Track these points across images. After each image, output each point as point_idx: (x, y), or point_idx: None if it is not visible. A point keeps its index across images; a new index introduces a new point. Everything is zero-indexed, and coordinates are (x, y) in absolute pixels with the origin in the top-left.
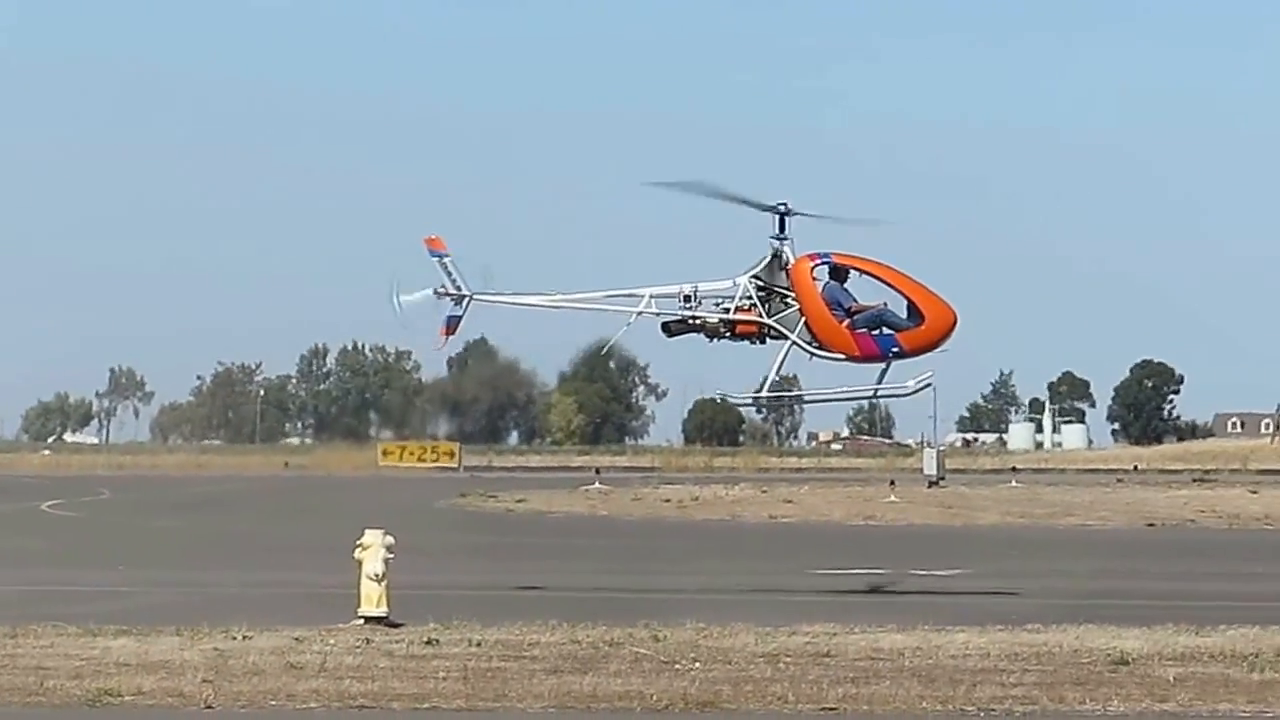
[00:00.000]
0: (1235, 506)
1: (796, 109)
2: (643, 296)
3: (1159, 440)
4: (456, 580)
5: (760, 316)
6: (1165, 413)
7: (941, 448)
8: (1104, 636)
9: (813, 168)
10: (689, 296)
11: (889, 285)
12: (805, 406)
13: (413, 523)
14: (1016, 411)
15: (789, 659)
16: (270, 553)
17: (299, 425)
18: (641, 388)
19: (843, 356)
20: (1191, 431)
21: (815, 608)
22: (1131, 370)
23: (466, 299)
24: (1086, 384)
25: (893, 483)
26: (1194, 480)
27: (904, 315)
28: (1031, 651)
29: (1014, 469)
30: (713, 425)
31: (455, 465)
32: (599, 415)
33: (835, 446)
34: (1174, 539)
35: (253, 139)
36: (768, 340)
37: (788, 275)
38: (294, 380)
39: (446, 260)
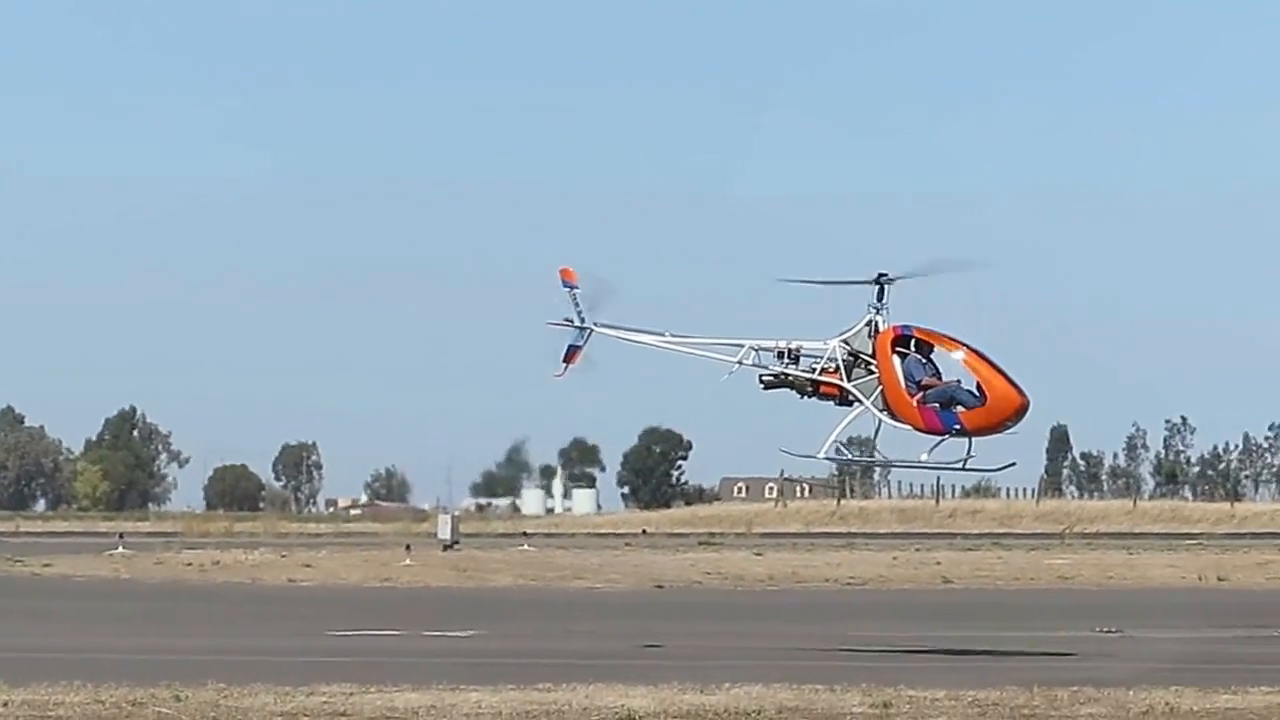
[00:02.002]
0: (740, 568)
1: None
2: (743, 346)
3: (667, 505)
4: None
5: (841, 380)
6: (673, 478)
7: (456, 512)
8: (612, 695)
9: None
10: (783, 353)
11: (962, 364)
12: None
13: None
14: (528, 477)
15: (307, 718)
16: None
17: None
18: (164, 455)
19: (909, 427)
20: (699, 496)
21: (333, 668)
22: (640, 436)
23: (588, 331)
24: (596, 450)
25: (409, 547)
26: (700, 543)
27: (975, 394)
28: (542, 710)
29: (525, 533)
30: (234, 492)
31: None
32: (124, 482)
33: (354, 511)
34: (681, 600)
35: None
36: (851, 403)
37: (875, 343)
38: None
39: (576, 292)
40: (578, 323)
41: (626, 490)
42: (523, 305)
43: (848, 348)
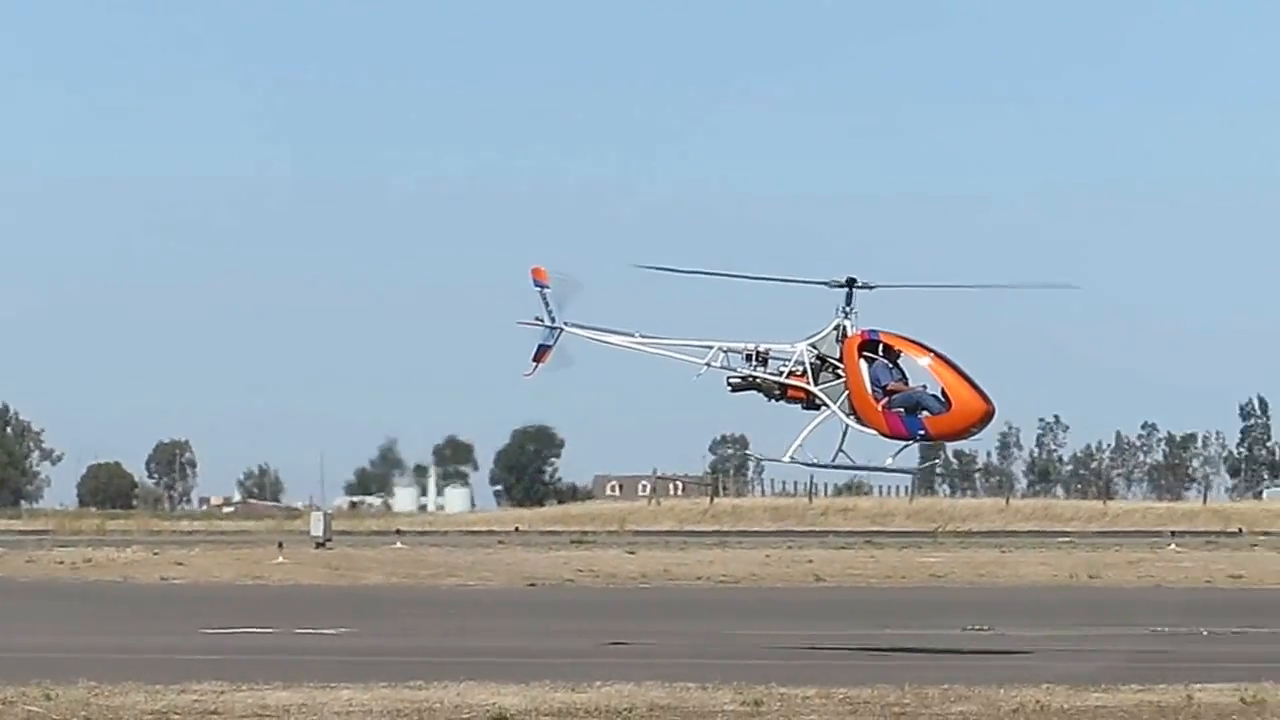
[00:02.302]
0: (613, 566)
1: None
2: (712, 348)
3: (540, 502)
4: None
5: (808, 384)
6: (546, 476)
7: (329, 510)
8: (484, 693)
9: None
10: (751, 356)
11: (928, 370)
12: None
13: None
14: (401, 475)
15: (178, 716)
16: None
17: None
18: (37, 452)
19: (875, 432)
20: (572, 494)
21: (205, 666)
22: (513, 434)
23: (558, 330)
24: (470, 448)
25: (281, 544)
26: (573, 541)
27: (941, 400)
28: (414, 708)
29: (398, 531)
30: (107, 489)
31: None
32: None
33: (227, 509)
34: (553, 598)
35: None
36: (819, 406)
37: (842, 348)
38: None
39: (546, 292)
40: (548, 322)
41: (500, 488)
42: (397, 305)
43: (815, 351)
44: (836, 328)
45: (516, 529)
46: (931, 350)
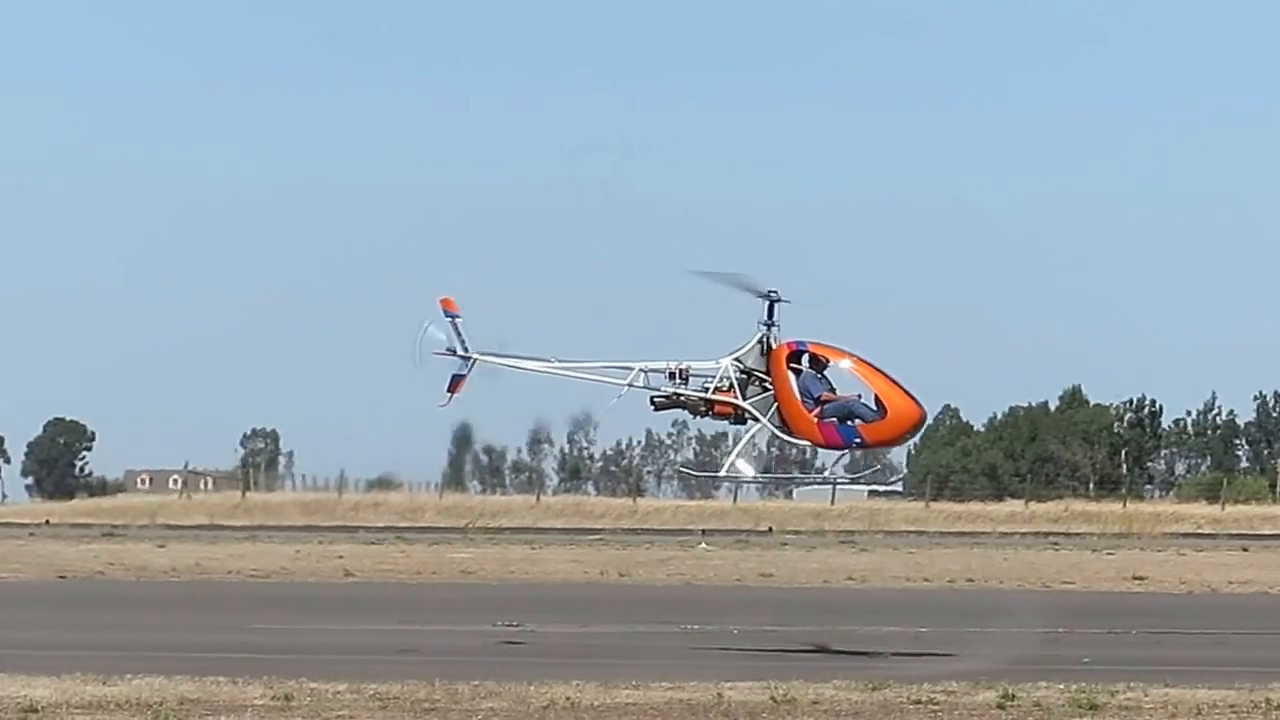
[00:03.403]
0: (143, 560)
1: None
2: (633, 369)
3: (71, 495)
4: None
5: (736, 399)
6: (78, 469)
7: None
8: (14, 685)
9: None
10: (674, 374)
11: (859, 378)
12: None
13: None
14: None
15: None
16: None
17: None
18: None
19: (809, 443)
20: (103, 487)
21: None
22: (45, 427)
23: (471, 360)
24: (1, 440)
25: None
26: (104, 534)
27: (874, 408)
28: None
29: None
30: None
31: None
32: None
33: None
34: (83, 591)
35: None
36: (747, 421)
37: (768, 361)
38: None
39: (457, 321)
40: (460, 352)
41: (31, 481)
42: None
43: (740, 365)
44: (760, 341)
45: (47, 521)
46: (854, 355)
